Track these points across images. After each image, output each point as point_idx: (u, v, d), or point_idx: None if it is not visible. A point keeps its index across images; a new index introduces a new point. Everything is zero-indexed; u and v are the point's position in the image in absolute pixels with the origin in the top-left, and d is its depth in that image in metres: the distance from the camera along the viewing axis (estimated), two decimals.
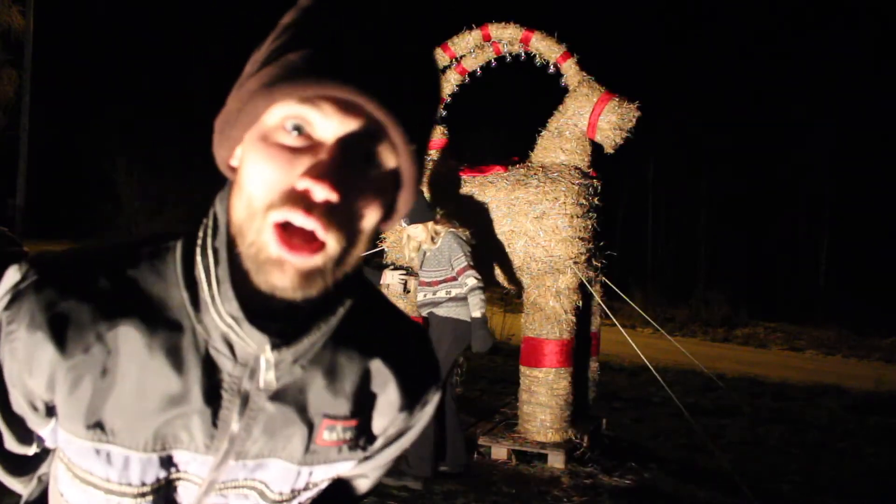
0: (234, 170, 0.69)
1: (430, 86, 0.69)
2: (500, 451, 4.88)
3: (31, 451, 0.76)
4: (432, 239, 4.35)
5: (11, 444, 0.76)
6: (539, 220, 4.94)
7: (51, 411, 0.72)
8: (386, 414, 0.81)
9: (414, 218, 4.30)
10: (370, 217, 0.66)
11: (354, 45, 0.63)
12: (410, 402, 0.82)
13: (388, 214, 0.69)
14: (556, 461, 4.75)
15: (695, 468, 5.06)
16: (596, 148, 5.19)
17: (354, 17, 0.65)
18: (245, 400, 0.71)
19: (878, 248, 25.49)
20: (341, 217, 0.63)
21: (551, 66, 5.28)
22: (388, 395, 0.80)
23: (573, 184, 4.95)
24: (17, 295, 0.69)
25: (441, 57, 5.58)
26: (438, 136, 5.50)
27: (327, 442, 0.76)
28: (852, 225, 26.75)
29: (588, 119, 5.02)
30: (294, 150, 0.63)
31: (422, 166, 0.69)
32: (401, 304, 5.14)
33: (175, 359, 0.69)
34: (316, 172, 0.61)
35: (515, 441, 4.92)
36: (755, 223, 29.79)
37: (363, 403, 0.78)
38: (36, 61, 17.57)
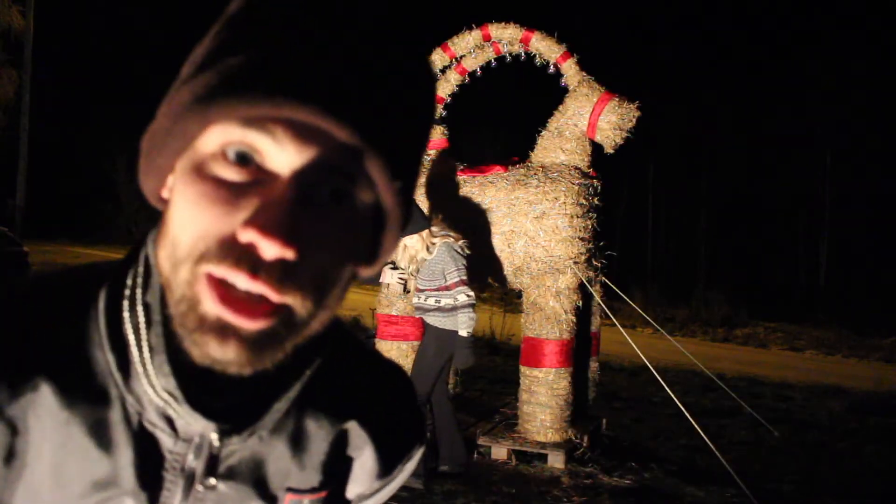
0: (166, 202, 0.55)
1: (422, 104, 0.55)
2: (500, 451, 4.88)
3: None
4: (427, 249, 4.32)
5: None
6: (539, 220, 4.94)
7: None
8: (361, 481, 0.69)
9: (409, 228, 4.28)
10: (340, 271, 0.52)
11: (320, 47, 0.48)
12: (390, 465, 0.70)
13: (367, 259, 0.55)
14: (556, 461, 4.76)
15: (695, 468, 5.06)
16: (596, 148, 5.20)
17: (322, 7, 0.50)
18: (191, 479, 0.58)
19: (878, 248, 25.50)
20: (301, 276, 0.49)
21: (551, 66, 5.28)
22: (364, 460, 0.68)
23: (573, 184, 4.96)
24: None
25: (441, 57, 5.58)
26: (438, 136, 5.51)
27: None
28: (852, 225, 26.76)
29: (588, 119, 5.02)
30: (236, 187, 0.49)
31: (409, 205, 0.55)
32: (400, 304, 5.14)
33: (100, 436, 0.55)
34: (264, 221, 0.47)
35: (515, 441, 4.92)
36: (755, 223, 29.81)
37: (335, 471, 0.66)
38: (36, 61, 17.60)
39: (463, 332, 4.20)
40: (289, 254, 0.47)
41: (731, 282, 22.73)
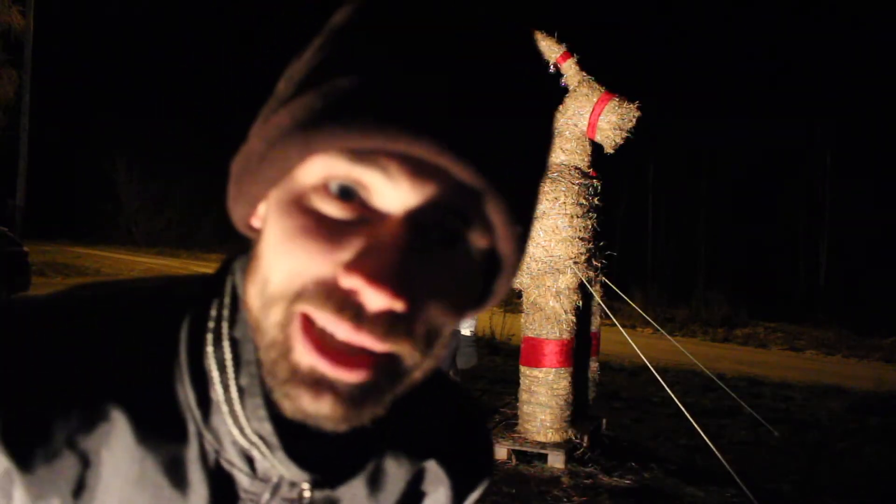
0: (257, 231, 0.50)
1: (544, 141, 0.49)
2: (500, 451, 4.88)
3: None
4: None
5: None
6: (539, 220, 4.94)
7: None
8: None
9: None
10: (451, 321, 0.47)
11: (440, 71, 0.42)
12: (460, 499, 0.68)
13: (477, 306, 0.51)
14: (556, 461, 4.76)
15: (695, 468, 5.06)
16: (596, 148, 5.20)
17: (444, 25, 0.44)
18: None
19: (878, 248, 25.51)
20: (408, 327, 0.44)
21: (551, 66, 5.28)
22: (437, 497, 0.65)
23: (573, 184, 4.96)
24: None
25: None
26: None
27: None
28: (852, 225, 26.77)
29: (588, 119, 5.03)
30: (339, 224, 0.44)
31: (524, 250, 0.49)
32: None
33: (175, 473, 0.52)
34: (372, 266, 0.42)
35: (515, 441, 4.92)
36: (755, 223, 29.82)
37: None
38: (36, 61, 17.61)
39: (466, 331, 4.21)
40: (398, 305, 0.42)
41: (731, 282, 22.75)
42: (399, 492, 0.61)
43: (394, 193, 0.43)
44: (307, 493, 0.54)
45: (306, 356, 0.44)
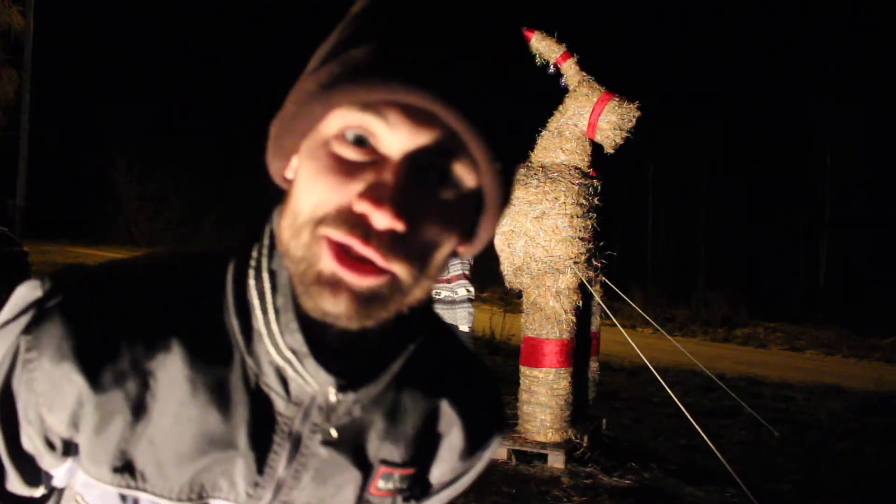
0: (291, 183, 0.61)
1: (522, 90, 0.60)
2: (500, 451, 4.88)
3: (39, 492, 0.65)
4: None
5: (16, 486, 0.64)
6: (539, 220, 4.94)
7: (69, 449, 0.63)
8: (447, 460, 0.74)
9: None
10: (443, 246, 0.57)
11: (429, 39, 0.54)
12: (473, 447, 0.75)
13: (468, 237, 0.61)
14: (556, 461, 4.75)
15: (695, 468, 5.06)
16: (596, 148, 5.20)
17: (433, 5, 0.56)
18: (296, 443, 0.63)
19: (878, 248, 25.50)
20: (407, 246, 0.54)
21: (551, 66, 5.28)
22: (451, 439, 0.73)
23: (573, 184, 4.96)
24: (39, 317, 0.60)
25: None
26: None
27: (381, 492, 0.69)
28: (852, 225, 26.74)
29: (588, 119, 5.03)
30: (353, 164, 0.55)
31: (510, 188, 0.59)
32: None
33: (221, 395, 0.61)
34: (377, 195, 0.52)
35: (515, 441, 4.92)
36: (755, 223, 29.80)
37: (424, 449, 0.71)
38: (36, 61, 17.60)
39: (464, 327, 4.22)
40: (398, 226, 0.53)
41: (731, 282, 22.73)
42: (415, 427, 0.70)
43: (394, 138, 0.54)
44: (333, 398, 0.62)
45: (329, 263, 0.54)
